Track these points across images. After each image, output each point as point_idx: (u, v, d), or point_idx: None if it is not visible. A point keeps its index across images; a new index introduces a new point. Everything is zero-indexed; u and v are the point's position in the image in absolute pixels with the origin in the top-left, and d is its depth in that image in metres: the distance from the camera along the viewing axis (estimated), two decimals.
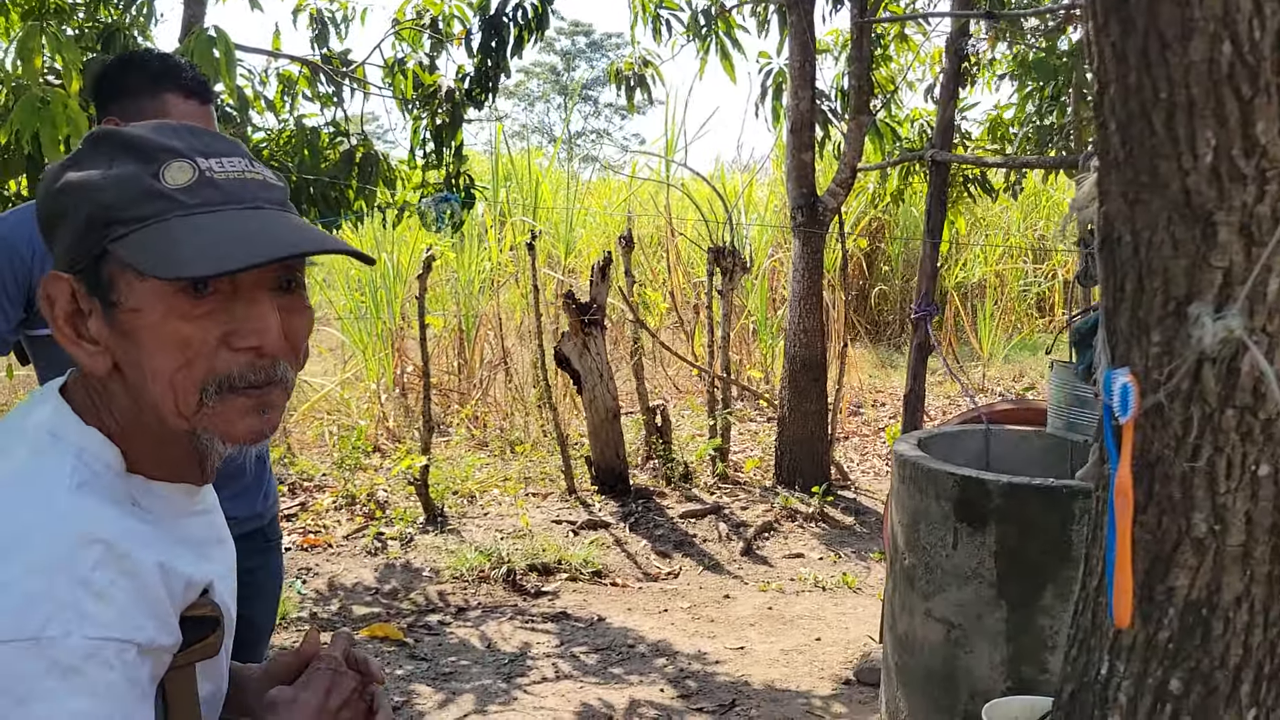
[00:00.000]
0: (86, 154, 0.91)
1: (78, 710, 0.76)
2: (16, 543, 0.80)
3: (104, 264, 0.88)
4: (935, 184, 3.78)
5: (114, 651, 0.79)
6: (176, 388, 0.87)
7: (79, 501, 0.85)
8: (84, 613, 0.78)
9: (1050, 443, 3.44)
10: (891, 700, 3.18)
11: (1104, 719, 1.08)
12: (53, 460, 0.87)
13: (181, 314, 0.86)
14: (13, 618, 0.76)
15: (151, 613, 0.83)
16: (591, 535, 5.36)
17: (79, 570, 0.80)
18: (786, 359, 6.16)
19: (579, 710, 3.54)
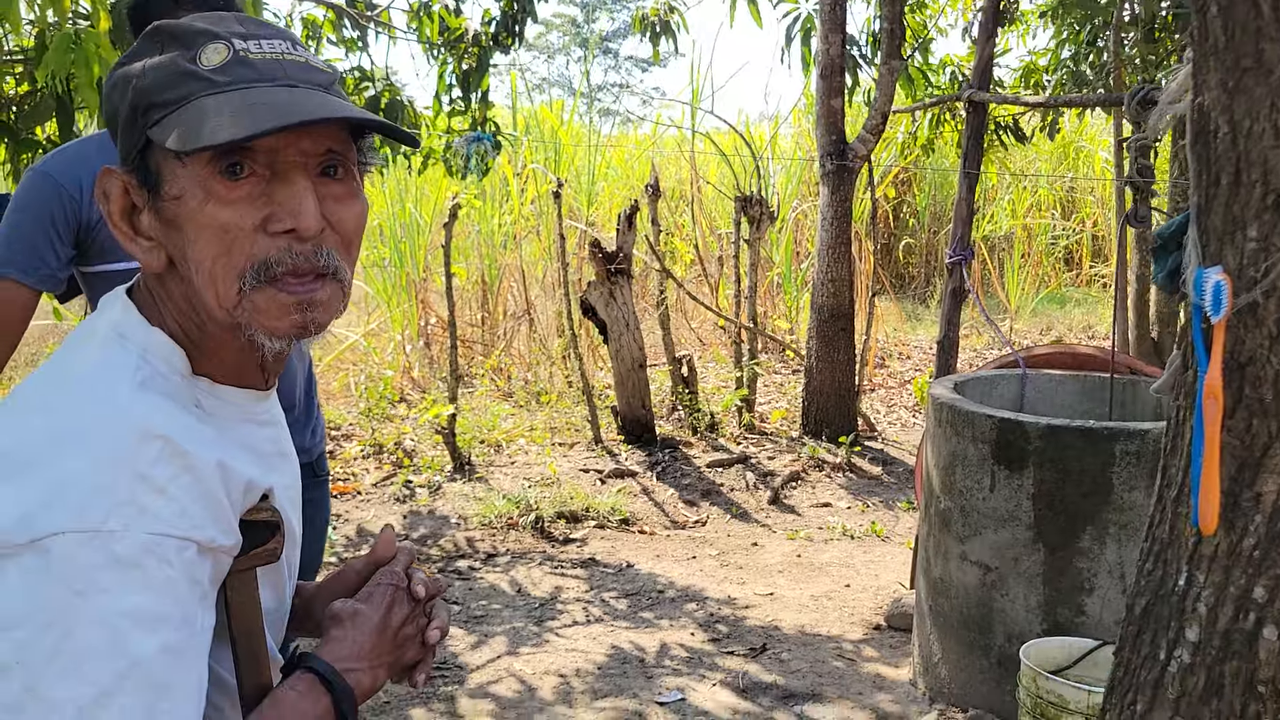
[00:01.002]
0: (139, 48, 0.89)
1: (136, 605, 0.75)
2: (79, 436, 0.78)
3: (149, 154, 0.86)
4: (973, 125, 3.71)
5: (173, 548, 0.78)
6: (216, 277, 0.85)
7: (141, 398, 0.83)
8: (144, 507, 0.77)
9: (1088, 386, 3.40)
10: (925, 643, 3.18)
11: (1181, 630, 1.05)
12: (118, 358, 0.86)
13: (219, 198, 0.83)
14: (74, 509, 0.75)
15: (211, 511, 0.82)
16: (618, 484, 5.36)
17: (140, 465, 0.78)
18: (813, 309, 6.11)
19: (610, 652, 3.55)
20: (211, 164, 0.83)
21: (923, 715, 3.06)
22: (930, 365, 8.40)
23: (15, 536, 0.74)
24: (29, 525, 0.75)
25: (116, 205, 0.87)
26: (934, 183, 11.85)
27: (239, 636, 0.87)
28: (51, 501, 0.75)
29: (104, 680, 0.73)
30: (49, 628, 0.73)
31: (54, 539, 0.74)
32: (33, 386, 0.86)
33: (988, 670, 2.94)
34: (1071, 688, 2.36)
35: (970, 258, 3.64)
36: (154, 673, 0.75)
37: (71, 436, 0.78)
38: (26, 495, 0.76)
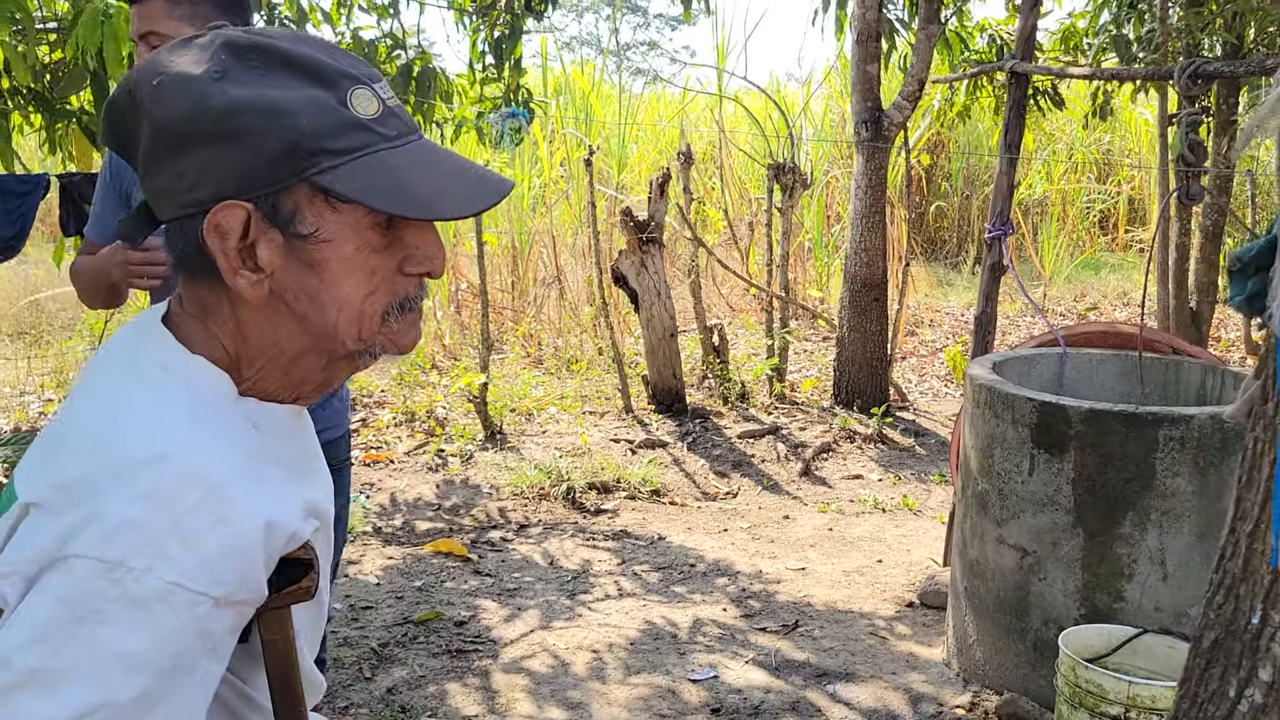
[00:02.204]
0: (236, 67, 0.84)
1: (130, 647, 0.75)
2: (124, 470, 0.79)
3: (288, 194, 0.84)
4: (1015, 97, 3.63)
5: (186, 600, 0.77)
6: (364, 314, 0.89)
7: (193, 436, 0.83)
8: (168, 553, 0.77)
9: (1129, 366, 3.35)
10: (959, 624, 3.17)
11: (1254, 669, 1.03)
12: (166, 394, 0.85)
13: (373, 246, 0.87)
14: (101, 538, 0.76)
15: (239, 567, 0.81)
16: (649, 454, 5.36)
17: (176, 509, 0.78)
18: (846, 278, 6.05)
19: (643, 627, 3.56)
20: (372, 215, 0.86)
21: (957, 697, 3.05)
22: (963, 334, 8.32)
23: (54, 551, 0.76)
24: (64, 543, 0.76)
25: (234, 239, 0.85)
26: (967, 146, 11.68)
27: (274, 673, 0.87)
28: (85, 527, 0.76)
29: (72, 709, 0.73)
30: (41, 642, 0.74)
31: (75, 560, 0.76)
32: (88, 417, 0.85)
33: (1023, 654, 2.93)
34: (1111, 678, 2.35)
35: (1011, 232, 3.58)
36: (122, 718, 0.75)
37: (122, 470, 0.79)
38: (73, 518, 0.77)
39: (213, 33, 0.88)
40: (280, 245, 0.86)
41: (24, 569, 0.77)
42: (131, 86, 0.87)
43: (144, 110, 0.85)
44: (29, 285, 7.99)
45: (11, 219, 3.02)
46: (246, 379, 0.90)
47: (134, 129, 0.87)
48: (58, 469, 0.80)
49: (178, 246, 0.89)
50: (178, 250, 0.89)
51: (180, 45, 0.88)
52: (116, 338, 0.95)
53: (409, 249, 0.90)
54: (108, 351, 0.93)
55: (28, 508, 0.80)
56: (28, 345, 7.33)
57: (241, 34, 0.86)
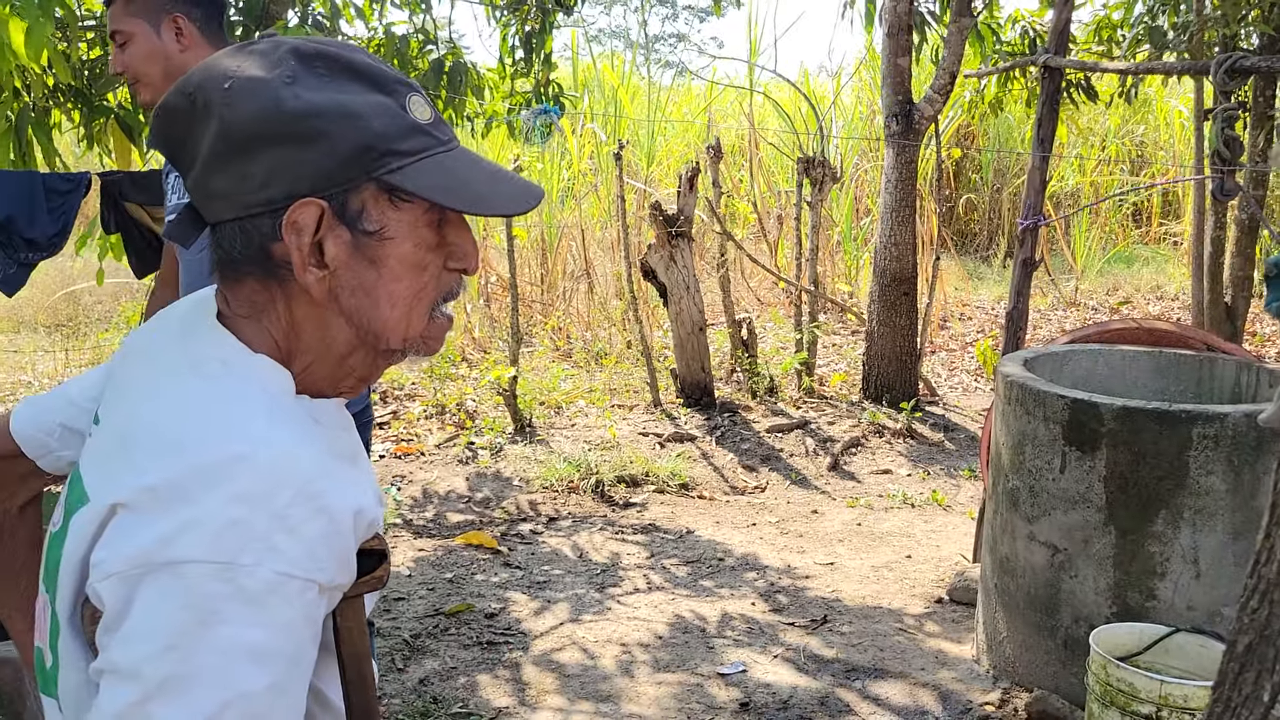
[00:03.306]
0: (304, 73, 0.88)
1: (253, 640, 0.78)
2: (222, 471, 0.81)
3: (356, 193, 0.88)
4: (1048, 91, 3.61)
5: (297, 589, 0.80)
6: (413, 310, 0.92)
7: (276, 430, 0.86)
8: (275, 546, 0.79)
9: (1162, 363, 3.33)
10: (990, 621, 3.16)
11: None
12: (237, 390, 0.88)
13: (428, 244, 0.92)
14: (210, 541, 0.78)
15: (335, 553, 0.84)
16: (678, 448, 5.38)
17: (276, 504, 0.80)
18: (876, 273, 6.04)
19: (672, 621, 3.58)
20: (428, 214, 0.91)
21: (986, 694, 3.05)
22: (994, 328, 8.27)
23: (155, 556, 0.78)
24: (167, 548, 0.78)
25: (309, 235, 0.88)
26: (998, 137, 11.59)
27: (348, 660, 0.90)
28: (191, 529, 0.78)
29: (209, 708, 0.76)
30: (170, 650, 0.76)
31: (189, 565, 0.77)
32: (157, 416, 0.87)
33: (1053, 651, 2.92)
34: (1143, 676, 2.34)
35: (1044, 223, 3.56)
36: (257, 708, 0.78)
37: (216, 471, 0.81)
38: (170, 521, 0.79)
39: (271, 40, 0.91)
40: (347, 242, 0.89)
41: (123, 571, 0.78)
42: (192, 90, 0.89)
43: (211, 113, 0.87)
44: (65, 278, 8.10)
45: (55, 217, 3.08)
46: (295, 375, 0.92)
47: (192, 132, 0.89)
48: (141, 470, 0.82)
49: (233, 247, 0.90)
50: (230, 250, 0.91)
51: (238, 51, 0.91)
52: (162, 325, 0.97)
53: (451, 247, 0.94)
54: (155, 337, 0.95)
55: (114, 508, 0.82)
56: (65, 337, 7.44)
57: (305, 42, 0.90)
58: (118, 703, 0.76)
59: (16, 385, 6.40)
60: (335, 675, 0.93)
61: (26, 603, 1.16)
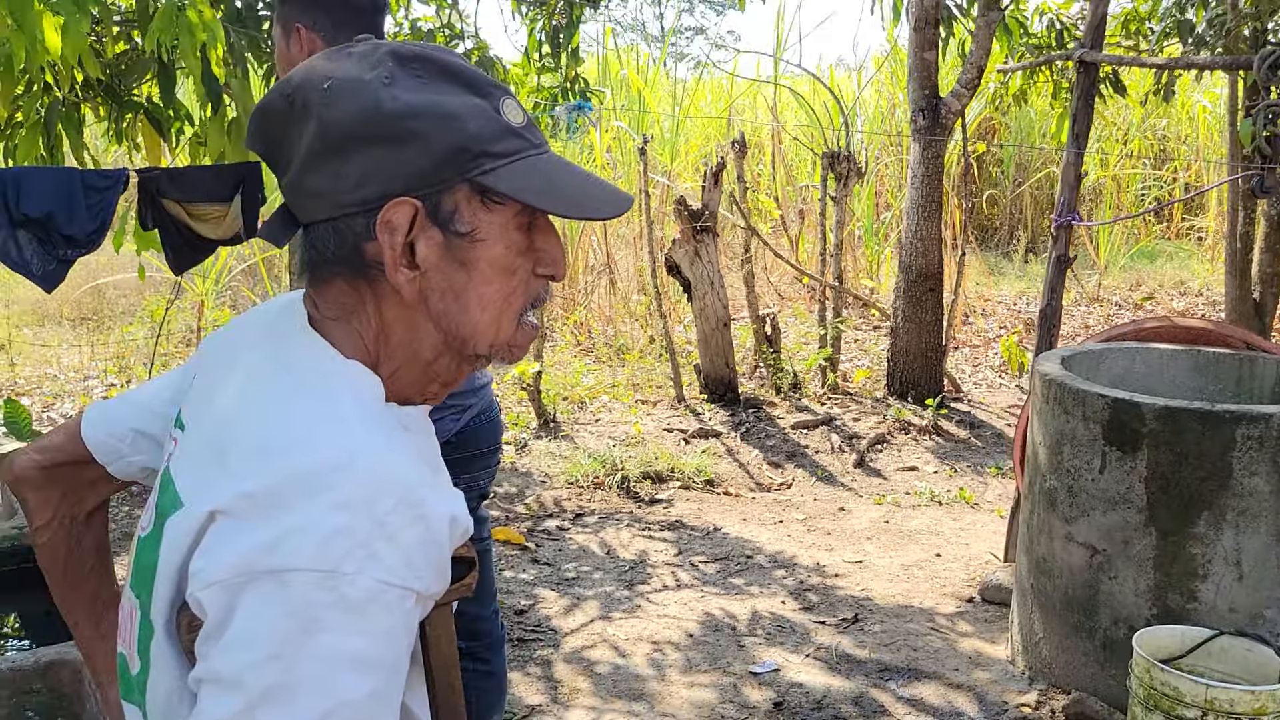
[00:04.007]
0: (401, 74, 0.88)
1: (354, 649, 0.77)
2: (322, 479, 0.80)
3: (450, 194, 0.88)
4: (1083, 86, 3.56)
5: (395, 597, 0.79)
6: (503, 314, 0.92)
7: (374, 437, 0.85)
8: (375, 554, 0.78)
9: (1201, 362, 3.29)
10: (1025, 622, 3.14)
11: None
12: (330, 397, 0.87)
13: (517, 247, 0.91)
14: (313, 549, 0.77)
15: (432, 561, 0.83)
16: (703, 444, 5.36)
17: (376, 511, 0.80)
18: (901, 268, 6.00)
19: (702, 619, 3.57)
20: (519, 216, 0.90)
21: (1022, 695, 3.03)
22: (1017, 324, 8.23)
23: (257, 564, 0.77)
24: (270, 556, 0.77)
25: (402, 234, 0.88)
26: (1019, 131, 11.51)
27: (437, 670, 0.89)
28: (293, 537, 0.78)
29: (311, 717, 0.75)
30: (274, 659, 0.75)
31: (292, 574, 0.77)
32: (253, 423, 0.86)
33: (1092, 653, 2.90)
34: (1188, 680, 2.31)
35: (1078, 222, 3.53)
36: (358, 716, 0.77)
37: (316, 478, 0.80)
38: (273, 529, 0.78)
39: (369, 43, 0.91)
40: (439, 243, 0.88)
41: (225, 580, 0.78)
42: (291, 91, 0.89)
43: (310, 113, 0.87)
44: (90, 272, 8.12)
45: (93, 214, 3.09)
46: (384, 381, 0.91)
47: (289, 132, 0.89)
48: (239, 477, 0.81)
49: (325, 247, 0.90)
50: (322, 251, 0.90)
51: (337, 54, 0.91)
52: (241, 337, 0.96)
53: (540, 252, 0.93)
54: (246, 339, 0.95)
55: (212, 515, 0.81)
56: (90, 331, 7.46)
57: (403, 44, 0.90)
58: (221, 712, 0.76)
59: (42, 379, 6.43)
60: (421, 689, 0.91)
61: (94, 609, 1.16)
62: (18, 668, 1.43)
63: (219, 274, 7.66)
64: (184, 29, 3.05)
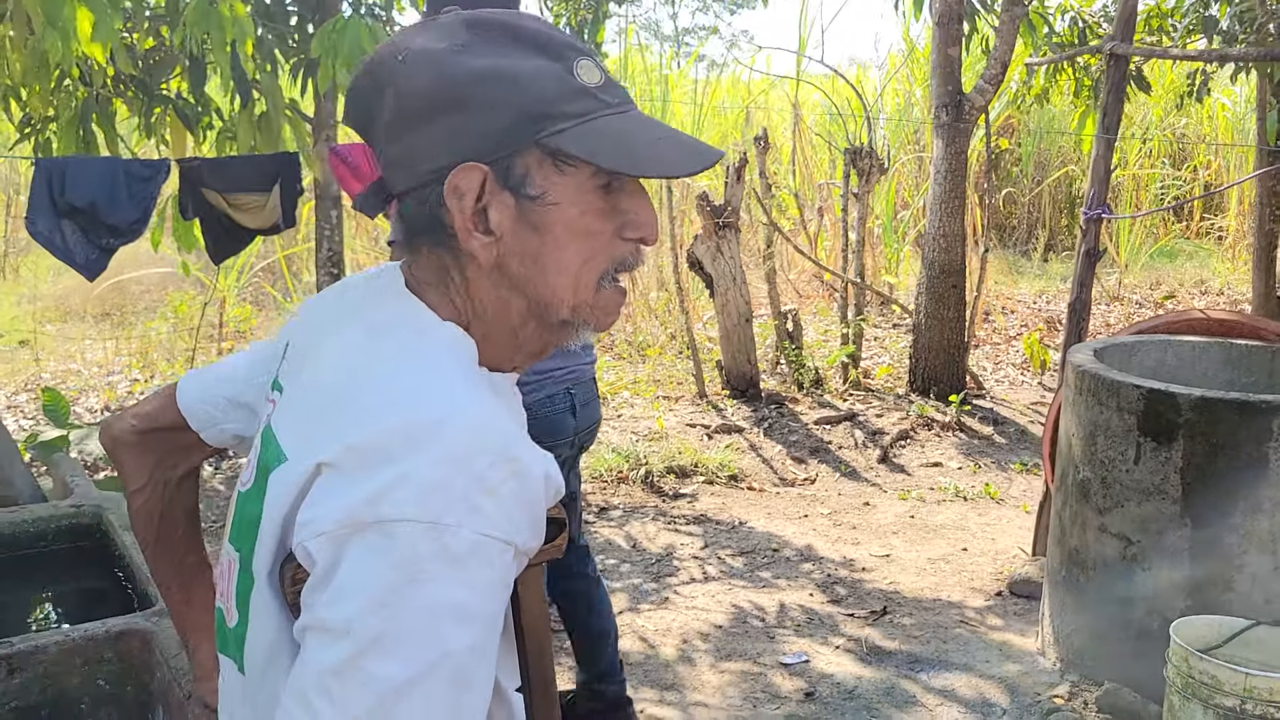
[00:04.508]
0: (474, 41, 0.89)
1: (457, 600, 0.78)
2: (426, 434, 0.81)
3: (520, 157, 0.88)
4: (1113, 80, 3.56)
5: (496, 550, 0.81)
6: (581, 278, 0.91)
7: (471, 394, 0.87)
8: (477, 507, 0.80)
9: (1233, 354, 3.28)
10: (1057, 613, 3.13)
11: None
12: (432, 351, 0.89)
13: (595, 210, 0.90)
14: (417, 501, 0.78)
15: (529, 516, 0.84)
16: (726, 439, 5.36)
17: (477, 466, 0.81)
18: (924, 264, 5.99)
19: (730, 612, 3.57)
20: (595, 179, 0.89)
21: (1054, 687, 3.02)
22: (1037, 322, 8.21)
23: (364, 515, 0.78)
24: (377, 507, 0.78)
25: (470, 200, 0.89)
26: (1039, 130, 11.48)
27: (528, 632, 0.90)
28: (399, 490, 0.79)
29: (417, 666, 0.76)
30: (381, 607, 0.77)
31: (398, 525, 0.78)
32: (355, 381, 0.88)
33: (1126, 644, 2.89)
34: (1227, 669, 2.31)
35: (1108, 216, 3.52)
36: (461, 667, 0.78)
37: (418, 432, 0.81)
38: (378, 481, 0.80)
39: (451, 14, 0.92)
40: (511, 207, 0.89)
41: (332, 531, 0.79)
42: (373, 67, 0.90)
43: (389, 85, 0.88)
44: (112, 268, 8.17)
45: (136, 203, 3.12)
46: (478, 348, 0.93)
47: (374, 107, 0.90)
48: (344, 432, 0.83)
49: (412, 216, 0.91)
50: (412, 219, 0.91)
51: (420, 26, 0.92)
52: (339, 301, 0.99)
53: (626, 215, 0.92)
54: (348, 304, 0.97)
55: (318, 468, 0.83)
56: (112, 326, 7.51)
57: (479, 12, 0.90)
58: (329, 659, 0.77)
59: (67, 374, 6.47)
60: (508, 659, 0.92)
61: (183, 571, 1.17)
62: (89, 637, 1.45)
63: (241, 271, 7.71)
64: (215, 24, 3.08)
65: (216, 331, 7.25)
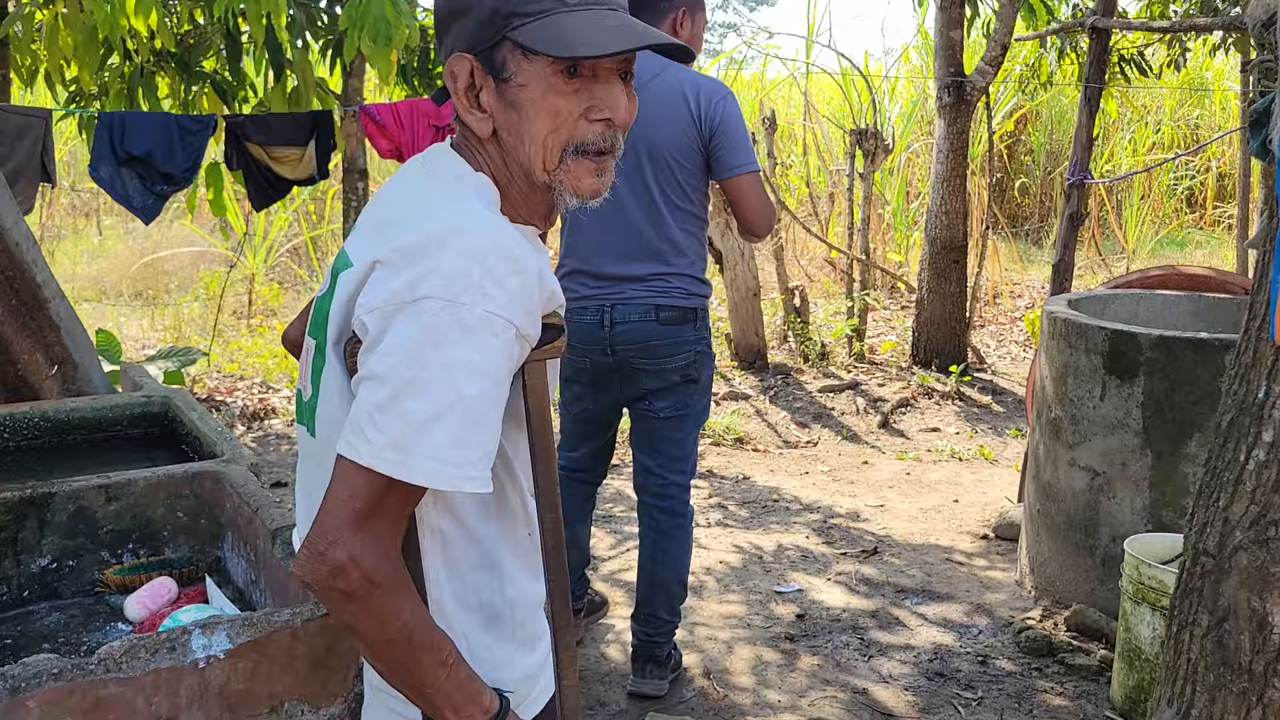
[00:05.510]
0: None
1: (469, 359, 1.04)
2: (453, 237, 1.08)
3: (498, 49, 1.13)
4: (1094, 51, 3.77)
5: (500, 326, 1.05)
6: (546, 148, 1.13)
7: (488, 216, 1.14)
8: (486, 292, 1.05)
9: (1201, 306, 3.49)
10: (1033, 545, 3.35)
11: (1259, 433, 1.24)
12: (464, 190, 1.16)
13: (557, 90, 1.11)
14: (443, 284, 1.05)
15: (527, 307, 1.10)
16: (732, 406, 5.59)
17: (488, 261, 1.06)
18: (927, 240, 6.20)
19: (733, 551, 3.81)
20: (555, 65, 1.11)
21: (1029, 611, 3.24)
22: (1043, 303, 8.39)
23: (404, 295, 1.05)
24: (413, 289, 1.05)
25: (463, 83, 1.15)
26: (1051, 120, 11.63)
27: (533, 409, 1.15)
28: (429, 276, 1.05)
29: (438, 405, 1.03)
30: (412, 360, 1.03)
31: (428, 302, 1.04)
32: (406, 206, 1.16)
33: (1092, 569, 3.11)
34: (1172, 574, 2.52)
35: (1089, 179, 3.73)
36: (472, 410, 1.04)
37: (447, 237, 1.08)
38: (415, 271, 1.06)
39: None
40: (493, 90, 1.13)
41: (382, 308, 1.05)
42: None
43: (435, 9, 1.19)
44: (143, 248, 8.49)
45: (187, 154, 3.44)
46: None
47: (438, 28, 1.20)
48: (393, 239, 1.10)
49: None
50: None
51: None
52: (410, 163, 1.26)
53: (595, 99, 1.13)
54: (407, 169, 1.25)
55: (374, 264, 1.09)
56: (145, 304, 7.82)
57: None
58: (374, 399, 1.04)
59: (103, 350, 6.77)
60: (521, 443, 1.17)
61: None
62: (170, 475, 1.71)
63: (269, 251, 8.01)
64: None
65: (246, 309, 7.55)
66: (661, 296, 2.73)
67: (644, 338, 2.71)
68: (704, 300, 2.80)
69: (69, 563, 1.65)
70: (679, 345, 2.76)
